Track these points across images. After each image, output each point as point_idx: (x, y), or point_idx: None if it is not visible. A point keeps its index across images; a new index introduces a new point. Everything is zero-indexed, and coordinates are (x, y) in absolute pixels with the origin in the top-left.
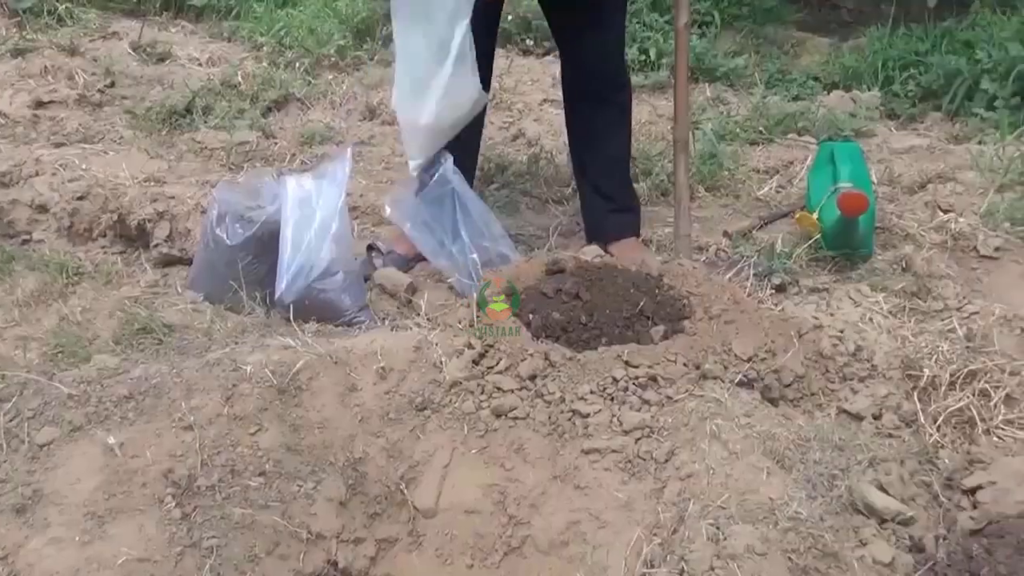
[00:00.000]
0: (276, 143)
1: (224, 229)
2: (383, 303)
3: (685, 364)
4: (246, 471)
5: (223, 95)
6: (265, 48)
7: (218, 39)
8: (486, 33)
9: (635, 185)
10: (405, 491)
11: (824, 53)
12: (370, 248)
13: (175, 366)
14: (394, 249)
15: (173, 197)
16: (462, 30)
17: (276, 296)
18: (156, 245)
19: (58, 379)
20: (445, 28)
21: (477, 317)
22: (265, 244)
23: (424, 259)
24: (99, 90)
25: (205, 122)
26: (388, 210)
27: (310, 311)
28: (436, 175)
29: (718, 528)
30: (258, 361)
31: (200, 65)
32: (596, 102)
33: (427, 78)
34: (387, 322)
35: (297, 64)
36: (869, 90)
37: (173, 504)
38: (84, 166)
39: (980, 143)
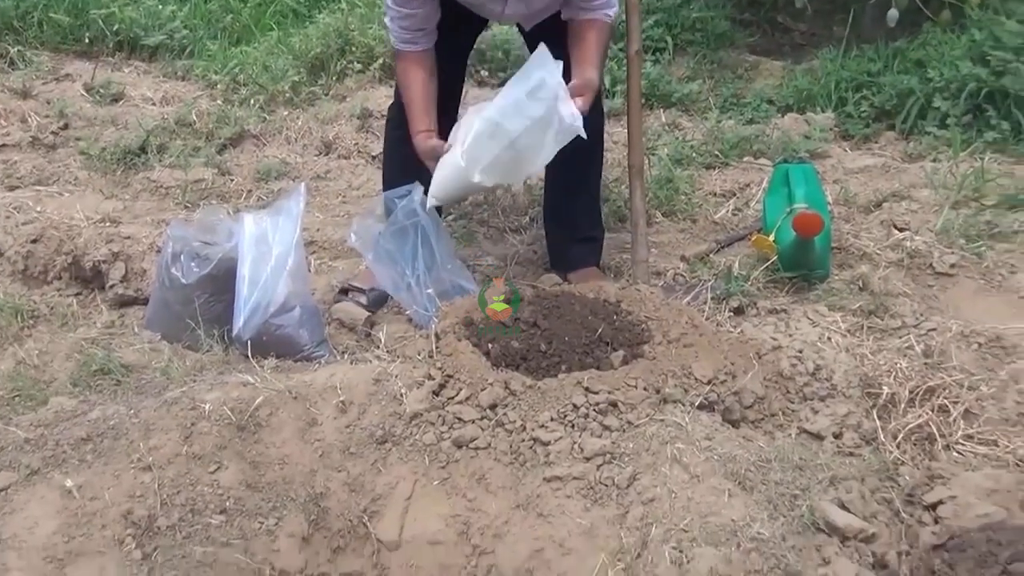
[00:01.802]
0: (232, 180)
1: (179, 268)
2: (342, 337)
3: (645, 389)
4: (207, 509)
5: (178, 134)
6: (219, 86)
7: (172, 78)
8: (455, 62)
9: None
10: (368, 524)
11: (778, 76)
12: (346, 291)
13: (133, 406)
14: (375, 286)
15: (128, 237)
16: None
17: (234, 333)
18: (112, 286)
19: (15, 423)
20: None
21: (437, 348)
22: (221, 281)
23: None
24: (53, 132)
25: (160, 161)
26: (352, 239)
27: (268, 347)
28: (403, 206)
29: (681, 551)
30: (216, 399)
31: (154, 104)
32: None
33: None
34: (346, 356)
35: (252, 101)
36: (823, 111)
37: (133, 545)
38: (38, 208)
39: (934, 161)
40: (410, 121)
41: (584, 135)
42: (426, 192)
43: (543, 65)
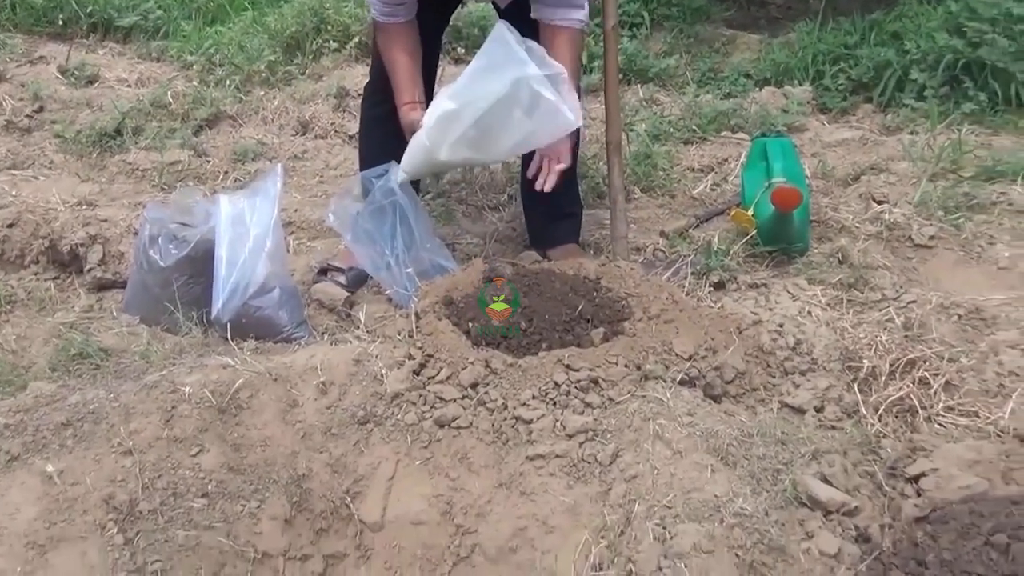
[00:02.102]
0: (208, 161)
1: (157, 250)
2: (321, 318)
3: (626, 365)
4: (188, 493)
5: (153, 115)
6: (195, 67)
7: (147, 59)
8: (430, 40)
9: None
10: (351, 505)
11: (755, 50)
12: (325, 271)
13: (113, 390)
14: (354, 265)
15: (105, 220)
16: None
17: (213, 315)
18: (90, 269)
19: None
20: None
21: (417, 327)
22: (199, 264)
23: None
24: (27, 115)
25: (136, 143)
26: (331, 218)
27: (248, 329)
28: (380, 185)
29: (664, 528)
30: (196, 381)
31: (129, 86)
32: None
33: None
34: (326, 337)
35: (227, 81)
36: (800, 85)
37: (115, 530)
38: (14, 192)
39: (911, 133)
40: (396, 93)
41: (582, 126)
42: None
43: (505, 45)
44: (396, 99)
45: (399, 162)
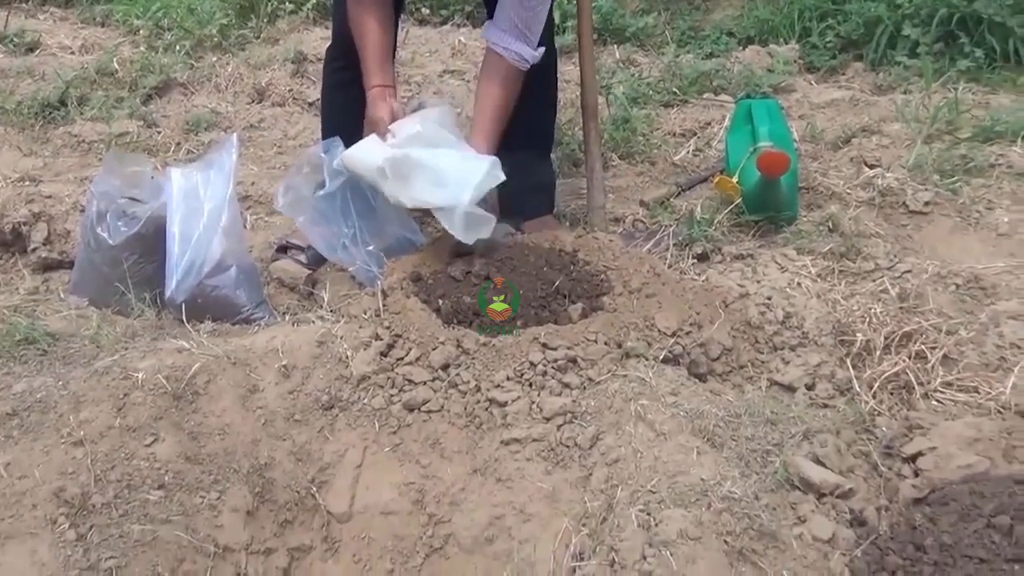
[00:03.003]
0: (159, 132)
1: (105, 228)
2: (282, 297)
3: (606, 343)
4: (143, 485)
5: (99, 84)
6: (142, 31)
7: (91, 24)
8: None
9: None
10: (316, 495)
11: (737, 6)
12: (285, 248)
13: (61, 378)
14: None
15: (50, 196)
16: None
17: (166, 296)
18: (34, 249)
19: None
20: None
21: (384, 306)
22: (150, 241)
23: None
24: None
25: (81, 114)
26: (280, 201)
27: (204, 310)
28: (331, 163)
29: (649, 514)
30: (150, 367)
31: (73, 53)
32: None
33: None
34: (287, 317)
35: (177, 47)
36: (786, 43)
37: (67, 525)
38: None
39: (904, 93)
40: (365, 74)
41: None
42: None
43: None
44: (365, 80)
45: (360, 130)
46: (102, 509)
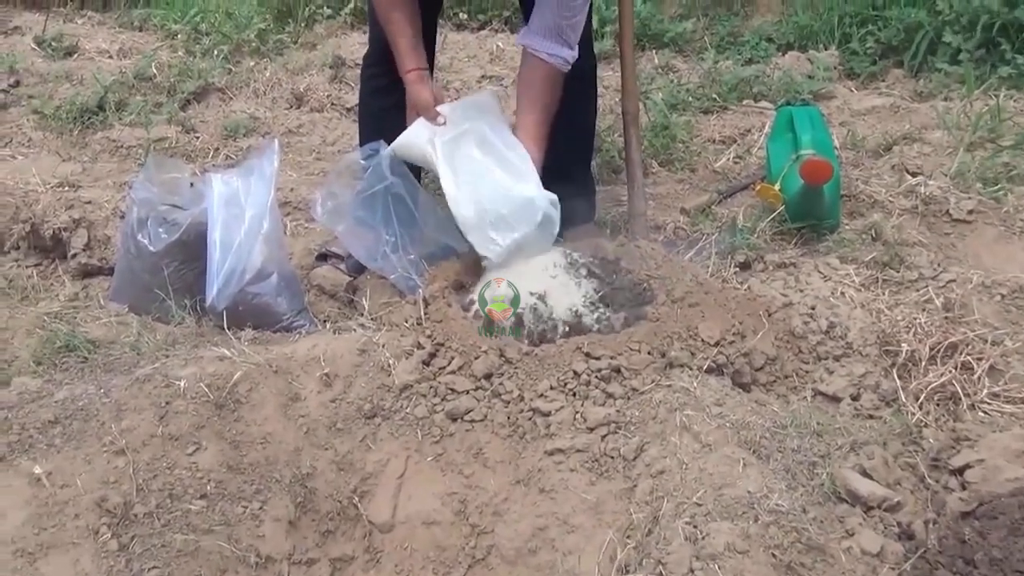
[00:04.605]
0: (197, 137)
1: (146, 234)
2: (322, 304)
3: (650, 352)
4: (186, 494)
5: (137, 89)
6: (180, 36)
7: (128, 28)
8: (428, 7)
9: None
10: (358, 505)
11: (777, 12)
12: (325, 256)
13: (102, 385)
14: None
15: (89, 202)
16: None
17: (207, 303)
18: (74, 255)
19: None
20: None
21: (426, 314)
22: (191, 248)
23: None
24: (3, 90)
25: (119, 119)
26: (319, 211)
27: (245, 317)
28: (370, 169)
29: (695, 527)
30: (192, 375)
31: (111, 57)
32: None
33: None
34: (328, 325)
35: (215, 51)
36: (826, 49)
37: (109, 535)
38: None
39: (946, 99)
40: (399, 61)
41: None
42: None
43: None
44: (399, 67)
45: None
46: (144, 519)
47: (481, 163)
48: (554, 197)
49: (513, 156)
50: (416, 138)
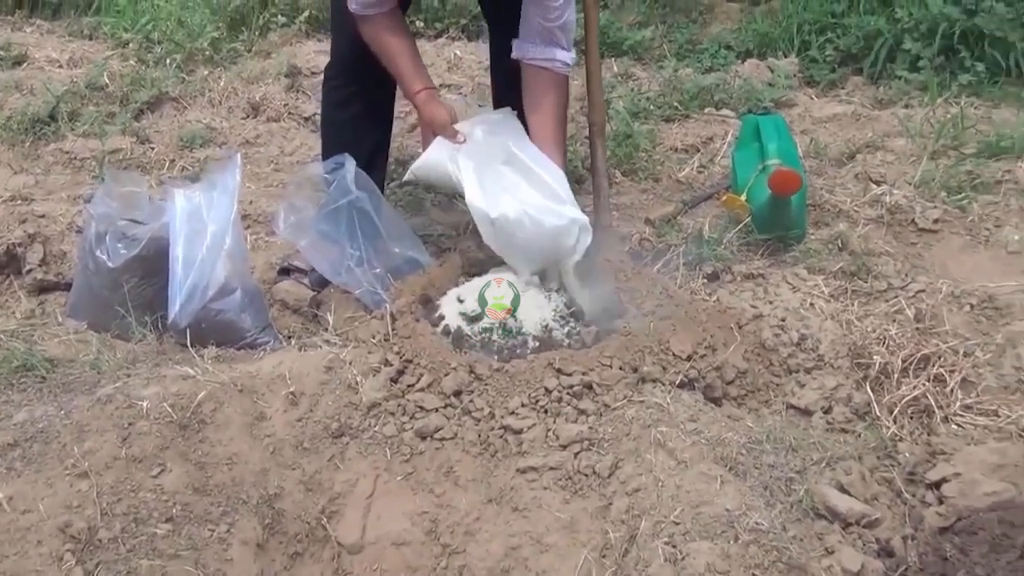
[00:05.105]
0: (152, 148)
1: (104, 250)
2: (286, 320)
3: (621, 368)
4: (151, 518)
5: (90, 99)
6: (131, 44)
7: (79, 37)
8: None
9: None
10: (327, 526)
11: (735, 19)
12: (287, 270)
13: (63, 406)
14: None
15: (44, 216)
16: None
17: (169, 320)
18: (29, 271)
19: None
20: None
21: (393, 330)
22: (152, 263)
23: None
24: None
25: (72, 129)
26: (281, 226)
27: (208, 334)
28: (335, 183)
29: (674, 546)
30: (155, 395)
31: (61, 67)
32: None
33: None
34: (293, 341)
35: (168, 60)
36: (786, 56)
37: (73, 562)
38: None
39: (906, 107)
40: (403, 82)
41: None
42: (365, 164)
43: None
44: (405, 90)
45: (363, 151)
46: (109, 544)
47: (511, 180)
48: (585, 220)
49: (543, 172)
50: (438, 158)
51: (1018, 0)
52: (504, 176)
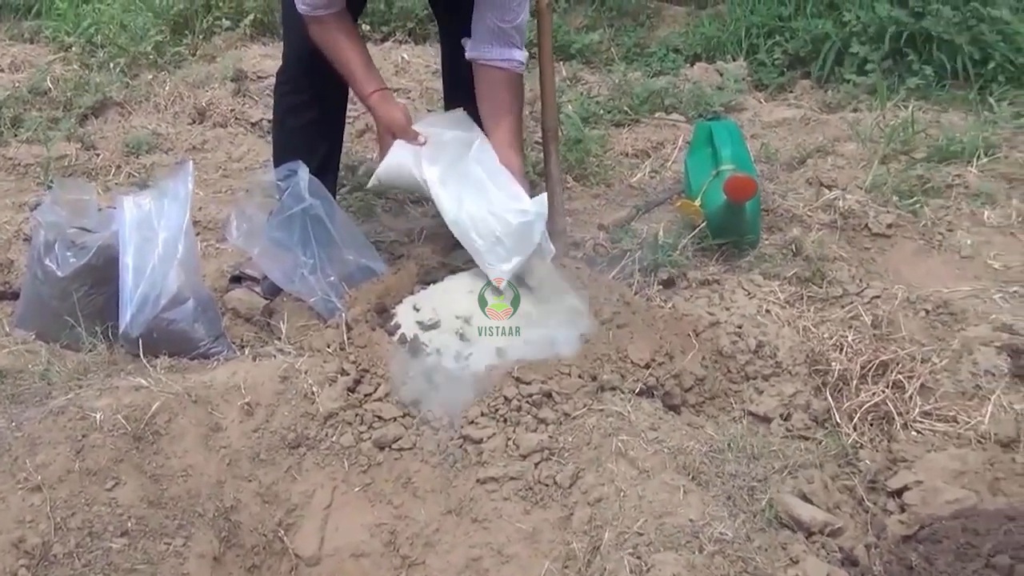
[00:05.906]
0: (98, 155)
1: (53, 258)
2: (238, 328)
3: (580, 376)
4: (106, 532)
5: (32, 104)
6: (74, 48)
7: (19, 41)
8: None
9: None
10: (284, 539)
11: (682, 23)
12: (239, 278)
13: (13, 419)
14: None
15: None
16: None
17: (121, 330)
18: None
19: None
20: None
21: (349, 339)
22: (102, 272)
23: None
24: None
25: (15, 135)
26: (233, 234)
27: (160, 344)
28: (288, 190)
29: (639, 558)
30: (108, 406)
31: (3, 71)
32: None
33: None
34: (247, 351)
35: (112, 64)
36: (734, 60)
37: None
38: None
39: (855, 111)
40: (355, 85)
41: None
42: (317, 170)
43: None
44: (358, 91)
45: (315, 157)
46: (64, 559)
47: (475, 179)
48: (544, 211)
49: (503, 170)
50: (400, 162)
51: (964, 4)
52: (469, 176)
